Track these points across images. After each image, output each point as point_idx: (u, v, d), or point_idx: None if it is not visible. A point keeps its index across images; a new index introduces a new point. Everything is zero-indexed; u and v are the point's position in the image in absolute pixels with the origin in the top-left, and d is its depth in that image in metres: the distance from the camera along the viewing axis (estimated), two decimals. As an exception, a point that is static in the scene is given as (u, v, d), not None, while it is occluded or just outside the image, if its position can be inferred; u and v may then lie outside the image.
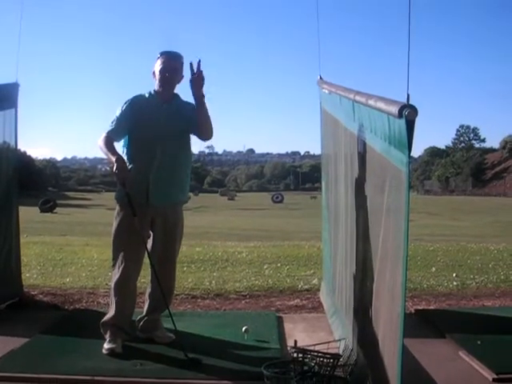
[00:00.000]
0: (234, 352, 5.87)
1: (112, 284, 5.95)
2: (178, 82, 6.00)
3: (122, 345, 5.80)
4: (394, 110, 3.36)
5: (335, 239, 6.84)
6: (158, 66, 5.89)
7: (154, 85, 5.98)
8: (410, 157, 3.29)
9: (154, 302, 6.16)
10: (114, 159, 5.48)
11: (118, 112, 5.83)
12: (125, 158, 5.69)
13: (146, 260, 5.87)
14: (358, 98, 4.64)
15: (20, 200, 8.23)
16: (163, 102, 5.92)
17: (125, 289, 5.90)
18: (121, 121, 5.78)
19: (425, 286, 9.38)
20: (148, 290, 6.27)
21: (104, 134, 5.70)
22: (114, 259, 5.89)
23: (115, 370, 5.29)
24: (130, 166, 5.60)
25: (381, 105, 3.78)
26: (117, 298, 5.88)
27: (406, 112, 3.22)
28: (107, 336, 5.82)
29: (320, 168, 9.12)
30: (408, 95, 3.30)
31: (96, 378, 5.11)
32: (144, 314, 6.23)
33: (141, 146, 5.82)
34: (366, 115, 4.46)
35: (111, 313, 5.89)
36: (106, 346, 5.73)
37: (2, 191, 7.66)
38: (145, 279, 6.60)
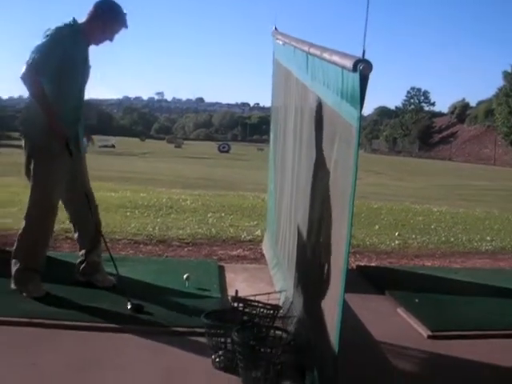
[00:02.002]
0: (175, 299, 5.88)
1: (34, 232, 5.72)
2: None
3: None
4: (349, 63, 3.34)
5: (281, 191, 6.85)
6: (110, 25, 5.74)
7: (82, 17, 5.75)
8: (361, 112, 3.28)
9: (89, 243, 6.15)
10: (59, 128, 5.50)
11: (45, 45, 5.46)
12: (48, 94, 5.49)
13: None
14: (312, 50, 4.61)
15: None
16: (87, 45, 5.80)
17: (47, 237, 5.87)
18: (50, 57, 5.46)
19: (367, 243, 9.49)
20: (76, 234, 6.22)
21: (36, 77, 5.39)
22: (37, 209, 5.68)
23: (53, 312, 5.27)
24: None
25: (335, 58, 3.75)
26: (35, 241, 5.76)
27: (360, 66, 3.21)
28: (29, 283, 5.73)
29: (269, 120, 9.11)
30: (364, 50, 3.28)
31: (34, 320, 5.06)
32: (83, 257, 6.19)
33: (67, 90, 5.65)
34: (319, 68, 4.43)
35: (29, 259, 5.75)
36: (33, 293, 5.66)
37: None
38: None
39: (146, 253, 8.18)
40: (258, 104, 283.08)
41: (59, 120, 5.51)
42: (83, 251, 6.19)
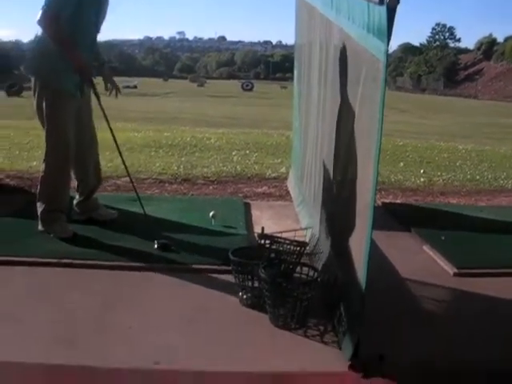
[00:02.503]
0: (201, 237, 5.90)
1: (54, 172, 5.77)
2: None
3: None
4: (376, -4, 3.28)
5: (306, 129, 6.81)
6: None
7: None
8: (388, 46, 3.23)
9: (89, 183, 6.26)
10: (83, 64, 5.52)
11: None
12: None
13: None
14: (337, -16, 4.54)
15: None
16: None
17: (67, 176, 5.92)
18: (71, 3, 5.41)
19: (393, 180, 9.46)
20: (76, 174, 6.21)
21: (56, 23, 5.32)
22: (55, 146, 5.72)
23: (81, 252, 5.33)
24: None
25: (362, -9, 3.69)
26: (59, 183, 5.82)
27: (387, -1, 3.15)
28: (56, 224, 5.81)
29: (292, 58, 9.00)
30: (390, -18, 3.21)
31: (63, 260, 5.12)
32: (83, 196, 6.28)
33: (82, 30, 5.56)
34: (344, 2, 4.36)
35: (53, 200, 5.83)
36: (60, 234, 5.74)
37: None
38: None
39: (171, 191, 8.22)
40: (280, 42, 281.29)
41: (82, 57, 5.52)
42: (82, 190, 6.27)
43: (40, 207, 5.80)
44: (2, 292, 4.54)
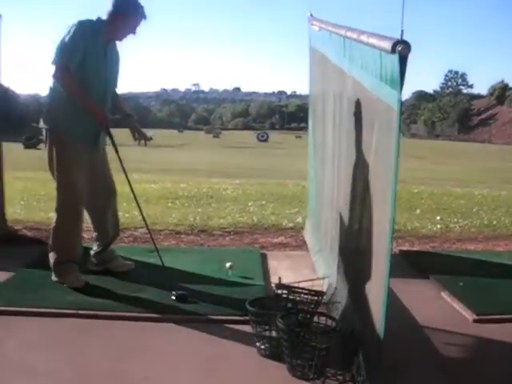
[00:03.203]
0: (219, 288, 5.87)
1: (65, 223, 5.82)
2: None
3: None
4: (387, 45, 3.31)
5: (321, 177, 6.82)
6: (130, 19, 5.73)
7: (104, 14, 5.78)
8: (401, 94, 3.25)
9: (107, 234, 6.29)
10: (99, 111, 5.63)
11: (69, 40, 5.50)
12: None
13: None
14: (349, 33, 4.57)
15: (3, 136, 8.17)
16: (107, 40, 5.80)
17: (78, 226, 5.94)
18: (75, 51, 5.51)
19: (409, 227, 9.42)
20: (93, 225, 6.30)
21: (69, 74, 5.50)
22: (65, 197, 5.78)
23: (98, 303, 5.33)
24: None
25: (373, 40, 3.72)
26: (70, 234, 5.87)
27: (399, 47, 3.17)
28: (68, 274, 5.85)
29: (306, 108, 9.06)
30: (402, 31, 3.24)
31: (80, 311, 5.13)
32: (100, 247, 6.31)
33: (91, 80, 5.67)
34: (356, 52, 4.40)
35: (64, 250, 5.87)
36: (73, 284, 5.78)
37: None
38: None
39: (187, 243, 8.19)
40: (294, 92, 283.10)
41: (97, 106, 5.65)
42: (99, 241, 6.31)
43: (52, 258, 5.85)
44: (16, 342, 4.54)
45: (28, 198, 11.53)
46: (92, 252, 6.32)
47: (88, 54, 5.57)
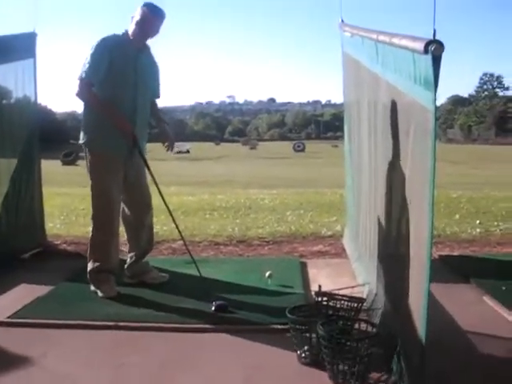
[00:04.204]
0: (258, 297, 5.88)
1: (100, 233, 5.96)
2: (152, 36, 5.97)
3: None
4: (420, 46, 3.27)
5: (359, 185, 6.78)
6: (140, 17, 5.78)
7: (128, 27, 5.90)
8: (436, 94, 3.21)
9: (141, 247, 6.36)
10: (125, 126, 5.75)
11: (92, 56, 5.66)
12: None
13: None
14: (381, 37, 4.53)
15: (42, 153, 8.29)
16: (137, 51, 5.87)
17: (114, 236, 6.03)
18: (99, 65, 5.66)
19: (448, 232, 9.32)
20: (127, 236, 6.40)
21: (89, 90, 5.69)
22: (99, 206, 5.92)
23: (139, 315, 5.36)
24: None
25: (405, 42, 3.68)
26: (105, 243, 5.97)
27: (432, 47, 3.13)
28: (103, 284, 5.97)
29: (341, 117, 9.01)
30: (434, 30, 3.20)
31: (119, 323, 5.17)
32: (133, 259, 6.37)
33: (119, 92, 5.79)
34: (389, 55, 4.36)
35: (99, 260, 5.98)
36: (107, 294, 5.89)
37: (23, 145, 7.80)
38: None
39: (226, 253, 8.20)
40: (329, 101, 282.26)
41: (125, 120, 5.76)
42: (133, 253, 6.37)
43: (89, 267, 5.98)
44: (57, 355, 4.58)
45: (67, 214, 11.62)
46: (126, 265, 6.37)
47: (115, 66, 5.70)
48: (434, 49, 3.12)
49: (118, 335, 4.99)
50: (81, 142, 5.92)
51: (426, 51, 3.19)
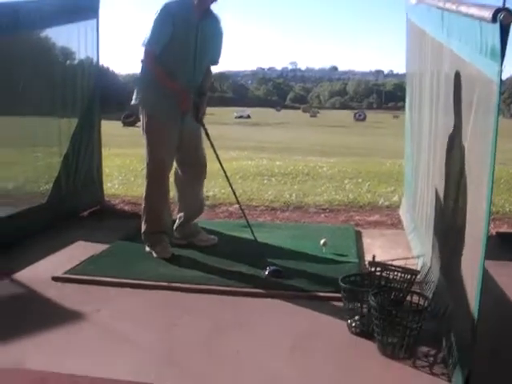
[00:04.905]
0: (312, 264, 5.84)
1: (153, 193, 6.03)
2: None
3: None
4: (488, 14, 3.15)
5: (418, 155, 6.68)
6: None
7: None
8: (502, 66, 3.10)
9: (191, 208, 6.42)
10: (183, 95, 5.81)
11: (155, 22, 5.70)
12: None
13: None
14: (448, 5, 4.41)
15: (103, 115, 8.37)
16: (200, 17, 5.83)
17: (166, 196, 6.12)
18: (162, 33, 5.69)
19: (507, 209, 9.12)
20: (178, 197, 6.44)
21: (153, 61, 5.76)
22: (152, 166, 5.96)
23: (192, 276, 5.40)
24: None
25: (473, 10, 3.56)
26: (158, 204, 6.05)
27: (500, 16, 3.01)
28: (157, 244, 6.03)
29: (404, 87, 8.89)
30: (504, -2, 3.10)
31: (172, 284, 5.21)
32: (182, 219, 6.41)
33: (179, 60, 5.80)
34: (455, 23, 4.24)
35: (152, 220, 6.06)
36: (161, 254, 5.96)
37: (85, 106, 7.91)
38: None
39: (283, 219, 8.20)
40: (391, 71, 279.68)
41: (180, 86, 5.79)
42: (182, 214, 6.40)
43: (143, 228, 6.08)
44: (110, 312, 4.68)
45: (126, 174, 11.77)
46: (175, 226, 6.42)
47: (177, 32, 5.69)
48: (503, 17, 3.00)
49: (170, 296, 5.03)
50: (134, 102, 5.97)
51: (494, 20, 3.07)
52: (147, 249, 6.03)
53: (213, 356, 4.01)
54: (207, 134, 6.08)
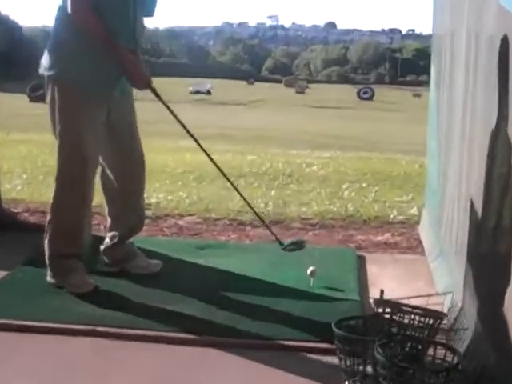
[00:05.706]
0: (295, 302, 5.90)
1: (66, 201, 5.89)
2: None
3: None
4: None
5: (447, 152, 6.74)
6: None
7: None
8: None
9: (127, 223, 6.31)
10: (142, 76, 5.91)
11: None
12: None
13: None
14: None
15: (2, 83, 8.30)
16: None
17: (86, 205, 5.98)
18: None
19: None
20: (108, 209, 6.36)
21: (87, 9, 5.61)
22: (69, 163, 5.85)
23: (122, 318, 5.40)
24: None
25: None
26: (73, 216, 5.91)
27: None
28: (72, 273, 5.90)
29: (429, 54, 8.95)
30: None
31: (98, 328, 5.20)
32: (114, 240, 6.30)
33: (117, 14, 5.76)
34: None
35: (65, 239, 5.92)
36: (78, 288, 5.84)
37: None
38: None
39: (254, 238, 8.20)
40: (413, 31, 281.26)
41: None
42: (114, 233, 6.29)
43: (48, 250, 5.91)
44: (18, 367, 4.63)
45: (32, 171, 11.69)
46: (102, 247, 6.35)
47: None
48: None
49: (95, 344, 5.02)
50: (47, 72, 5.85)
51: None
52: (50, 280, 5.92)
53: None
54: (172, 113, 6.11)
